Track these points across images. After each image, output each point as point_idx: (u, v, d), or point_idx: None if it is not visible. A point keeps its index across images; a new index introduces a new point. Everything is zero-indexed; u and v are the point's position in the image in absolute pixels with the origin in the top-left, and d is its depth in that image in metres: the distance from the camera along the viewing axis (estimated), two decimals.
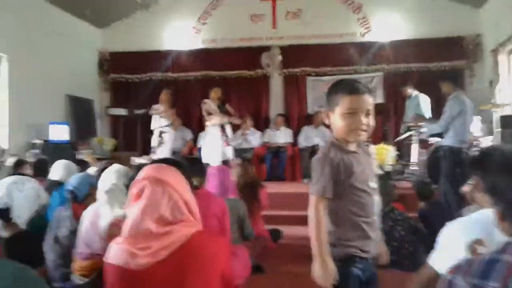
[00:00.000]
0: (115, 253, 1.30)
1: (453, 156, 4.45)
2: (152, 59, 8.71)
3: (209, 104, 6.47)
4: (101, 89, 8.93)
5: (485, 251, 1.27)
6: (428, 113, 6.57)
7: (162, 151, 6.58)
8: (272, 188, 5.76)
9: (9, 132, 6.23)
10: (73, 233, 2.54)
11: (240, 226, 3.33)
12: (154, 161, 1.47)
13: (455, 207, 4.00)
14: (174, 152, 7.69)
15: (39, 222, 2.18)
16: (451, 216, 1.86)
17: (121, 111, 8.18)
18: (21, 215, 2.07)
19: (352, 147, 1.71)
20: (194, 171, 2.82)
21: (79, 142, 7.11)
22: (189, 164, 2.93)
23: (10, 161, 4.58)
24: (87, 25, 8.41)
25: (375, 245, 1.75)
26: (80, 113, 7.98)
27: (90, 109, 8.50)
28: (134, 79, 8.80)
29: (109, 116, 8.60)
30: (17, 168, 4.32)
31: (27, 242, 2.06)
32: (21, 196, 2.08)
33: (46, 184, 3.45)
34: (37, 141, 6.45)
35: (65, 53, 7.55)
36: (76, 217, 2.63)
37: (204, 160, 5.90)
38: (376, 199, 1.78)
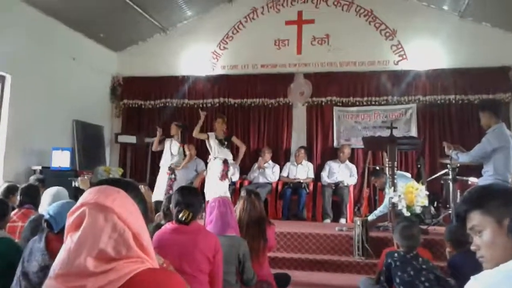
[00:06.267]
0: None
1: None
2: (168, 84, 8.77)
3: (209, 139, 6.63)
4: (112, 115, 9.01)
5: None
6: None
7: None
8: (287, 227, 5.54)
9: (4, 156, 6.22)
10: (44, 269, 2.40)
11: (239, 268, 3.14)
12: (99, 182, 1.31)
13: None
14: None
15: None
16: None
17: (131, 139, 8.19)
18: None
19: None
20: (185, 203, 2.70)
21: (83, 170, 7.10)
22: (182, 194, 2.85)
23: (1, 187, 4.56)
24: (101, 48, 8.57)
25: None
26: (88, 140, 8.03)
27: (99, 135, 8.55)
28: (148, 106, 8.85)
29: (118, 143, 8.62)
30: (8, 195, 4.28)
31: None
32: None
33: (35, 214, 3.34)
34: (37, 167, 6.47)
35: (76, 76, 7.65)
36: (50, 250, 2.50)
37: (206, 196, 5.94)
38: None
